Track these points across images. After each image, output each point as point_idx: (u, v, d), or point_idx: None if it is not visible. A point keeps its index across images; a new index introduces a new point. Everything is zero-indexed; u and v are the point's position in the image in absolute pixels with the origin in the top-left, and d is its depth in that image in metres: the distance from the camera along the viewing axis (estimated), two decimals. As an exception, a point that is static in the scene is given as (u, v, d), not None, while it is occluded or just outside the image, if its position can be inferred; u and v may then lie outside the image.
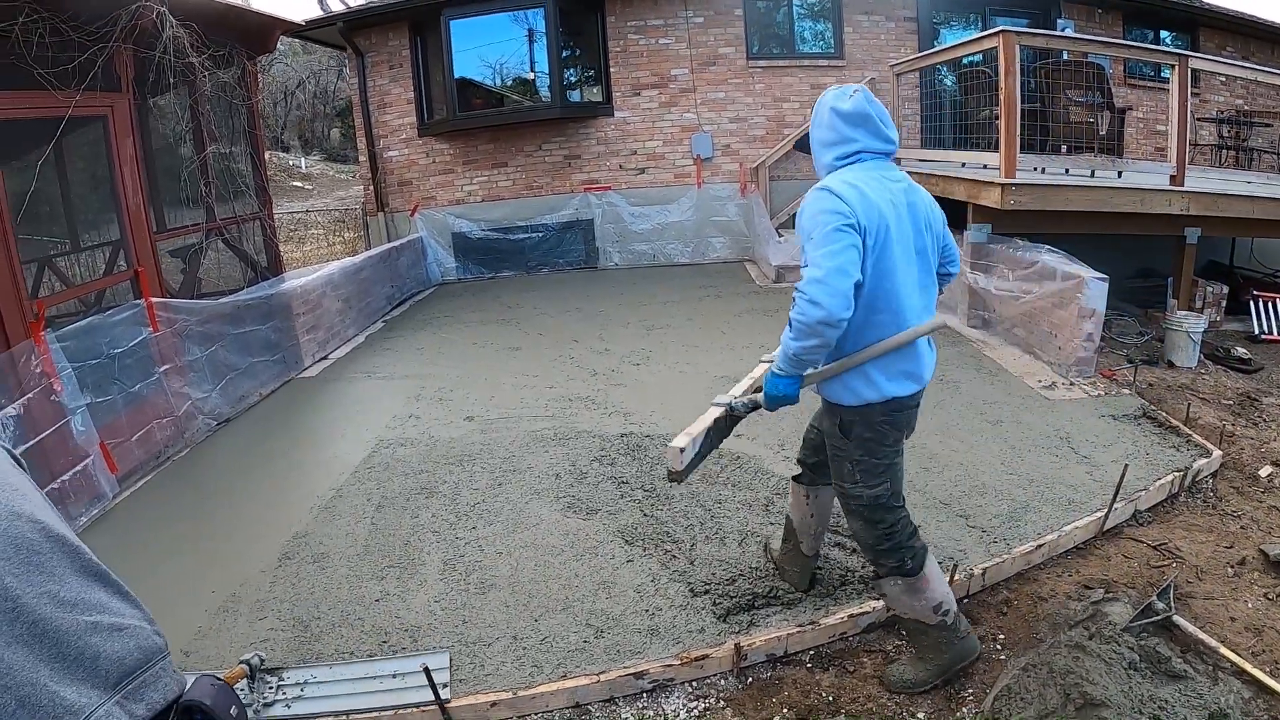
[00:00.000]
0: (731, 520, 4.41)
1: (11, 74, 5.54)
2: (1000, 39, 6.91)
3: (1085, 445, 5.05)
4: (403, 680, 3.43)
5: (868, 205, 2.82)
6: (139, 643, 1.52)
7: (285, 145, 30.79)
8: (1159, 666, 3.08)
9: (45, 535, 1.46)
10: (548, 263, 12.83)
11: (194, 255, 7.79)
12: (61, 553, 1.48)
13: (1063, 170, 7.66)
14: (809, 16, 12.54)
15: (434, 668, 3.35)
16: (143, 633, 1.54)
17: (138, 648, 1.51)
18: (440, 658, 3.55)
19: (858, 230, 2.78)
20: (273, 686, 3.47)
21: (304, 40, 16.10)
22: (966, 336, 7.45)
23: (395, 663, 3.55)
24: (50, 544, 1.46)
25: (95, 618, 1.48)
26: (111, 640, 1.48)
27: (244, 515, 5.01)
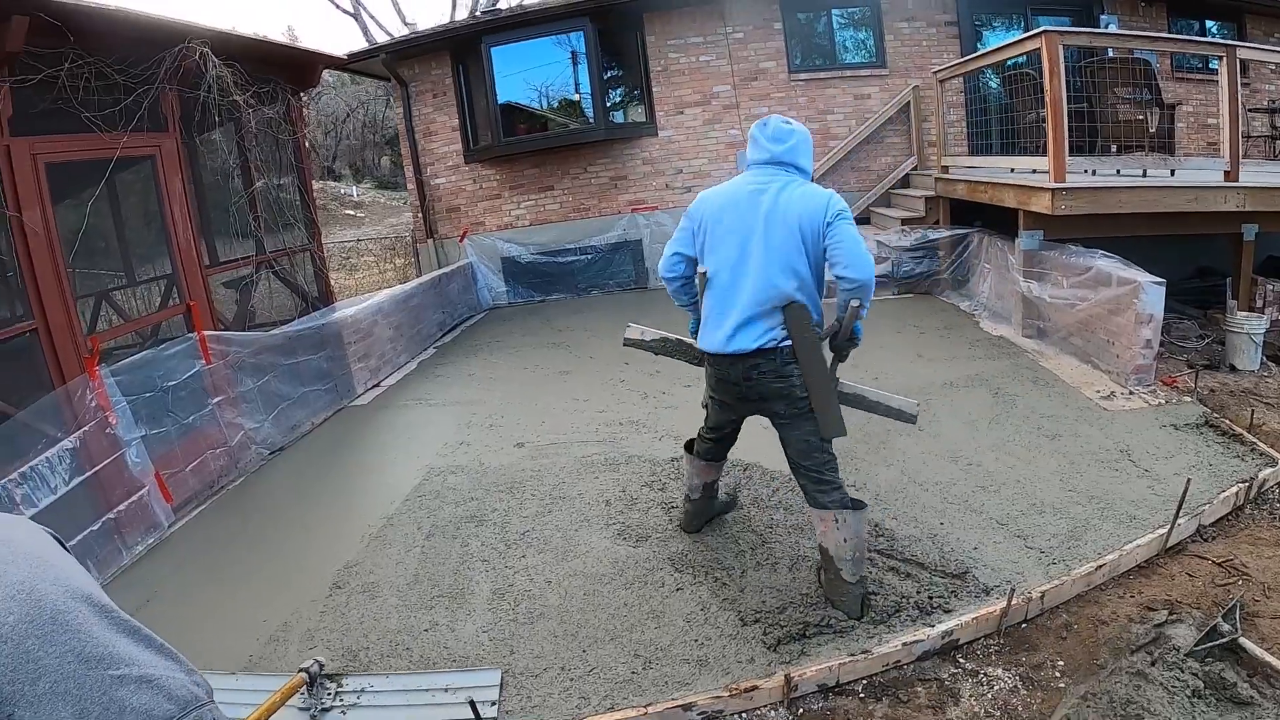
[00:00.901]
0: (783, 545, 4.37)
1: (60, 118, 5.71)
2: (1043, 40, 6.81)
3: (1146, 458, 4.93)
4: (454, 695, 3.55)
5: (705, 203, 3.90)
6: (170, 693, 1.49)
7: (336, 174, 31.30)
8: (1224, 693, 2.99)
9: (70, 595, 1.46)
10: (597, 284, 12.86)
11: (245, 287, 7.95)
12: (89, 610, 1.49)
13: (1113, 171, 7.50)
14: (849, 26, 12.43)
15: (486, 685, 3.59)
16: (175, 682, 1.50)
17: (168, 698, 1.48)
18: (492, 675, 3.68)
19: (691, 220, 3.94)
20: (331, 693, 3.65)
21: (350, 73, 16.35)
22: (1021, 347, 7.32)
23: (449, 676, 3.69)
24: (76, 603, 1.46)
25: (122, 670, 1.45)
26: (140, 692, 1.45)
27: (296, 544, 5.08)
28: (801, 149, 3.83)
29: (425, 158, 13.39)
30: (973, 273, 9.23)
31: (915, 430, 5.67)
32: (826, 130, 12.16)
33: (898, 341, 7.87)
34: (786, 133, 3.81)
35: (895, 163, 11.99)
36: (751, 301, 3.63)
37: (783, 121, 3.85)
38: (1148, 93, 8.09)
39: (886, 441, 5.56)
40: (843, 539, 3.67)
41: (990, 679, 3.30)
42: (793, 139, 3.80)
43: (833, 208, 3.59)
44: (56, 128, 5.75)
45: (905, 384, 6.63)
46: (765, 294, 3.61)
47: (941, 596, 3.73)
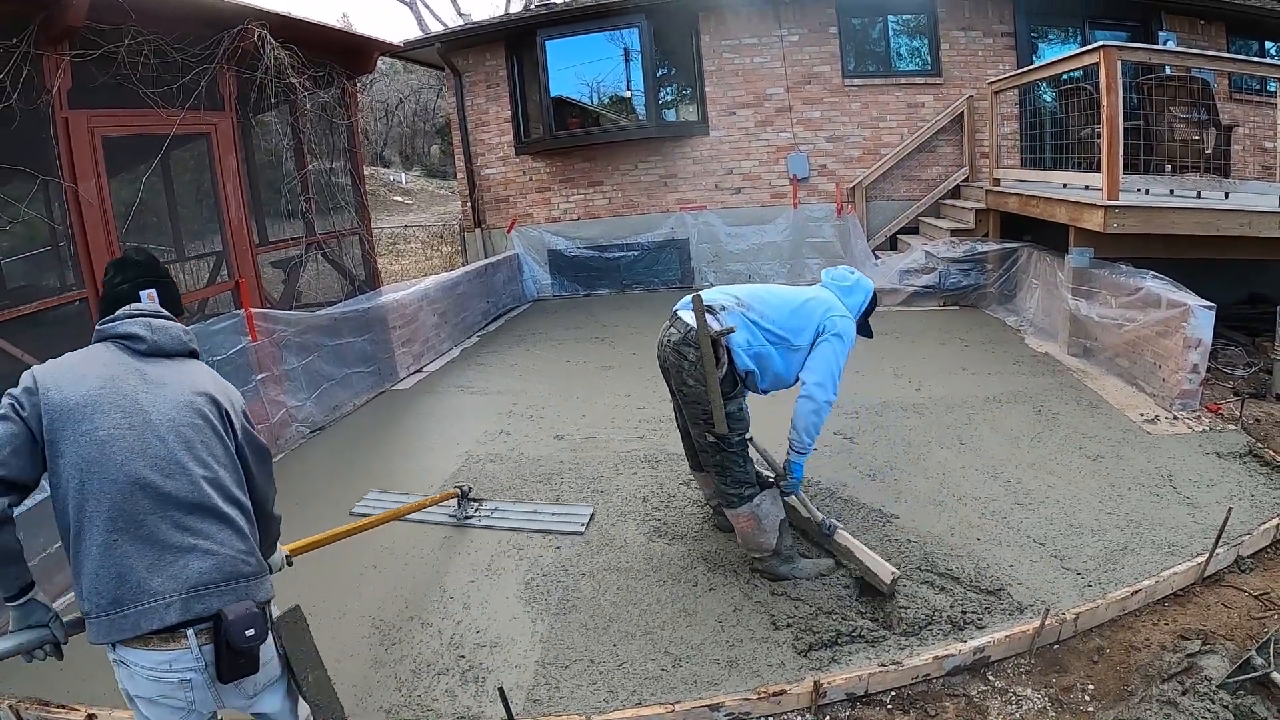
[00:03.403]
0: (819, 551, 4.39)
1: (119, 93, 5.85)
2: (1101, 54, 6.72)
3: (1187, 484, 4.89)
4: (558, 518, 5.13)
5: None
6: (219, 564, 2.27)
7: (386, 161, 31.56)
8: (1255, 727, 3.00)
9: (187, 481, 2.29)
10: (643, 281, 12.90)
11: (294, 268, 8.09)
12: (195, 491, 2.29)
13: (1167, 191, 7.40)
14: (905, 33, 12.36)
15: (581, 515, 5.15)
16: (230, 560, 2.30)
17: (215, 567, 2.26)
18: (585, 510, 5.21)
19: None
20: (474, 508, 5.32)
21: (404, 61, 16.47)
22: (1066, 365, 7.27)
23: (555, 506, 5.33)
24: (187, 486, 2.28)
25: (195, 541, 2.25)
26: (202, 559, 2.24)
27: (334, 523, 5.09)
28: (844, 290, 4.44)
29: (476, 148, 13.51)
30: (1020, 288, 9.17)
31: (956, 444, 5.70)
32: (878, 138, 12.11)
33: (942, 353, 7.85)
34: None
35: (946, 173, 11.92)
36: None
37: (849, 271, 4.56)
38: (1204, 112, 7.99)
39: (927, 453, 5.57)
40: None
41: (1019, 698, 3.31)
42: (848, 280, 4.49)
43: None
44: (114, 102, 5.89)
45: (947, 396, 6.65)
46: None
47: (975, 612, 3.75)
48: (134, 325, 2.45)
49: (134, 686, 2.26)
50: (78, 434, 2.20)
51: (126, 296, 2.61)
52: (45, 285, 6.98)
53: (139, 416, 2.27)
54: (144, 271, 2.72)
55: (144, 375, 2.37)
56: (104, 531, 2.17)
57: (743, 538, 4.19)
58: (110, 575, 2.16)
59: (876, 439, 5.86)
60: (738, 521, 4.15)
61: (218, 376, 2.61)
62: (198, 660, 2.23)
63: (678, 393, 4.23)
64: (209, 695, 2.30)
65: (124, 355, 2.41)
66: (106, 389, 2.28)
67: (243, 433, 2.53)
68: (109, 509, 2.17)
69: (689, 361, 3.99)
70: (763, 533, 4.09)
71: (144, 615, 2.16)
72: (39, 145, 5.41)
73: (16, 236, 6.50)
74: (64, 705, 3.66)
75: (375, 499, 5.63)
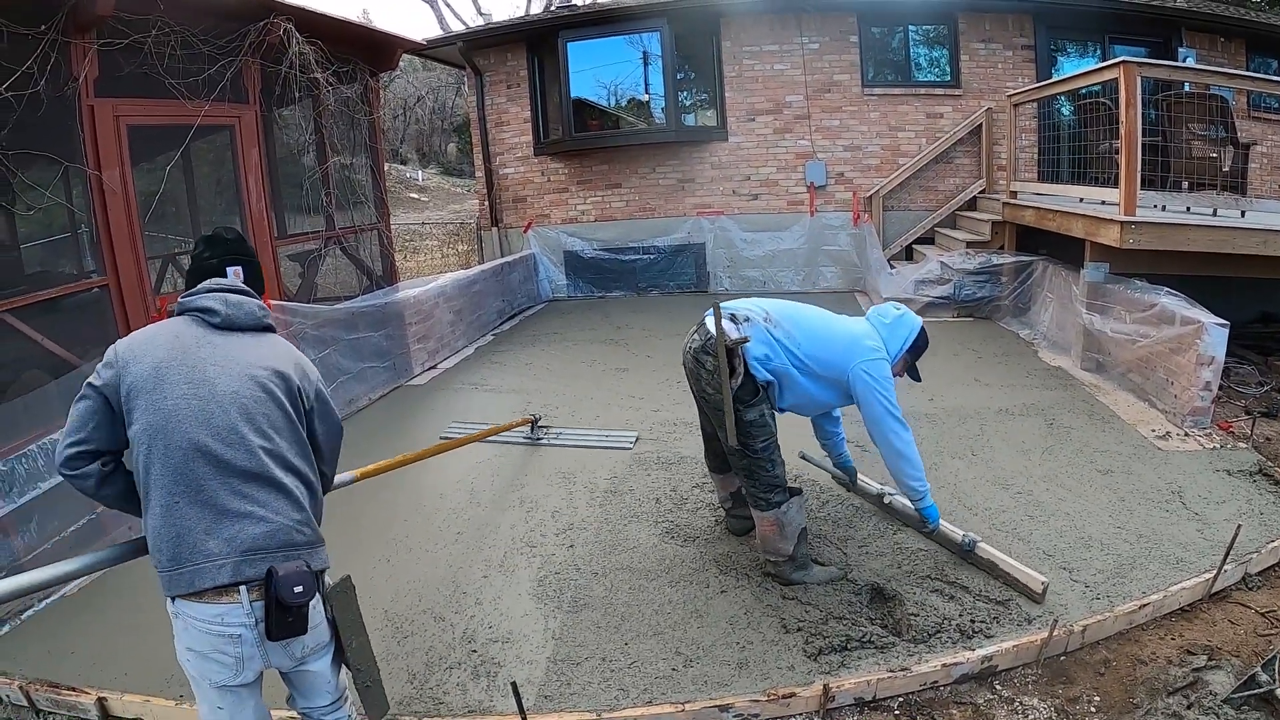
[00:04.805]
0: (829, 556, 4.44)
1: (144, 83, 5.93)
2: (1121, 70, 6.72)
3: (1197, 501, 4.90)
4: (613, 438, 6.46)
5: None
6: (271, 532, 2.38)
7: (403, 158, 31.66)
8: (1259, 742, 3.02)
9: (246, 451, 2.40)
10: (658, 284, 12.97)
11: (312, 261, 8.15)
12: (254, 461, 2.41)
13: (1183, 208, 7.41)
14: (925, 43, 12.38)
15: (629, 437, 6.51)
16: (283, 529, 2.41)
17: (268, 535, 2.38)
18: (631, 433, 6.55)
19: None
20: (544, 432, 6.61)
21: (424, 59, 16.54)
22: (1079, 379, 7.28)
23: (605, 431, 6.66)
24: (245, 456, 2.40)
25: (251, 508, 2.37)
26: (256, 525, 2.36)
27: (346, 516, 5.14)
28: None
29: (495, 147, 13.58)
30: (1034, 301, 9.17)
31: (968, 455, 5.73)
32: (896, 147, 12.15)
33: (955, 364, 7.88)
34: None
35: (963, 184, 11.94)
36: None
37: (895, 308, 4.41)
38: (1223, 130, 8.00)
39: (939, 463, 5.59)
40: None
41: (1025, 708, 3.34)
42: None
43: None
44: (140, 92, 5.98)
45: (960, 407, 6.68)
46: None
47: (984, 621, 3.78)
48: (210, 300, 2.56)
49: (188, 639, 2.38)
50: (148, 403, 2.35)
51: (213, 271, 2.73)
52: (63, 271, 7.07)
53: (205, 387, 2.39)
54: (232, 249, 2.84)
55: (214, 348, 2.48)
56: (166, 494, 2.31)
57: (762, 540, 4.23)
58: (170, 535, 2.30)
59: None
60: (761, 524, 4.18)
61: (294, 352, 2.72)
62: (248, 616, 2.34)
63: (700, 398, 4.27)
64: (257, 653, 2.40)
65: (198, 328, 2.52)
66: (177, 361, 2.41)
67: (317, 407, 2.67)
68: (172, 473, 2.31)
69: (706, 370, 4.02)
70: (783, 539, 4.13)
71: (198, 574, 2.29)
72: (64, 132, 5.49)
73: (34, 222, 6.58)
74: (74, 688, 3.73)
75: (458, 426, 6.81)
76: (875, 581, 4.16)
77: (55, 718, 3.71)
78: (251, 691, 2.52)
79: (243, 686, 2.47)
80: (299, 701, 2.70)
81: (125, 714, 3.63)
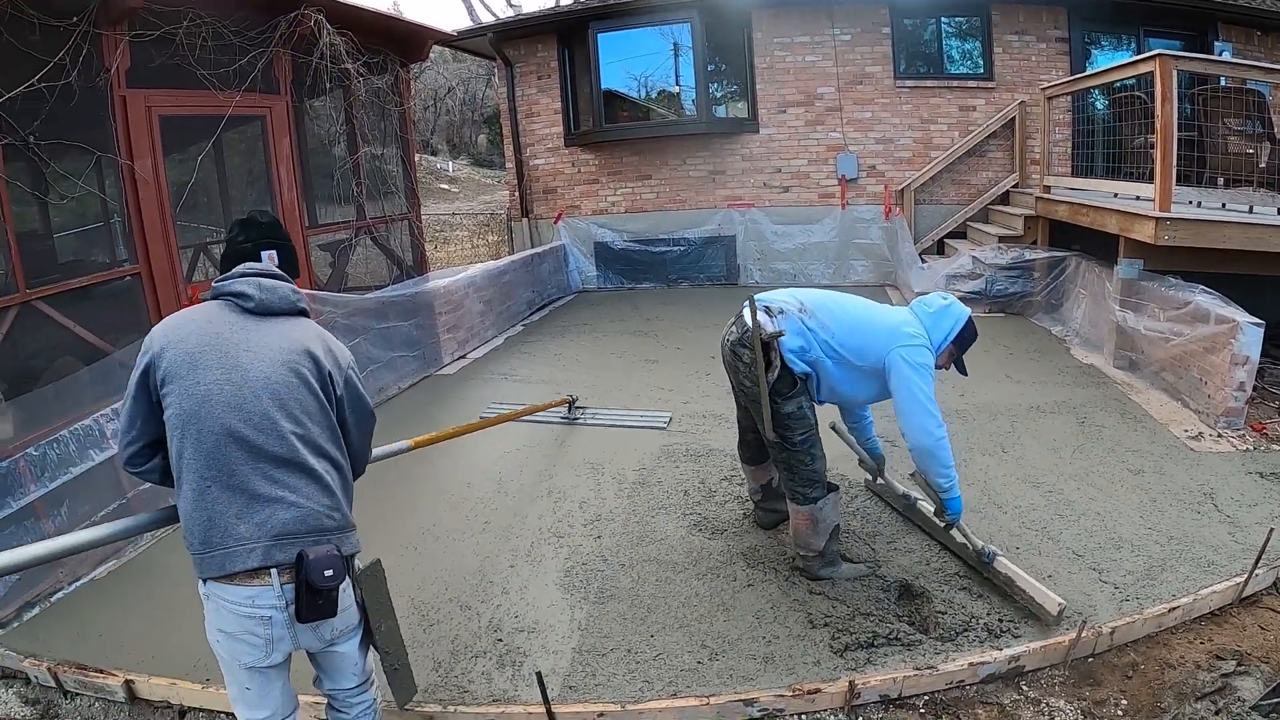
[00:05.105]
0: (857, 551, 4.44)
1: (176, 74, 5.98)
2: (1157, 63, 6.61)
3: (1229, 503, 4.85)
4: (648, 418, 6.75)
5: None
6: (301, 517, 2.41)
7: (433, 149, 31.77)
8: (1289, 749, 2.99)
9: (277, 436, 2.43)
10: (688, 276, 12.96)
11: (343, 251, 8.21)
12: (285, 447, 2.43)
13: (1219, 205, 7.27)
14: (957, 35, 12.28)
15: (663, 417, 6.79)
16: (313, 514, 2.44)
17: (298, 520, 2.40)
18: (665, 414, 6.84)
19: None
20: (582, 411, 6.94)
21: (455, 50, 16.58)
22: (1111, 378, 7.22)
23: (639, 411, 6.95)
24: (277, 441, 2.42)
25: (281, 493, 2.40)
26: (286, 510, 2.39)
27: (374, 504, 5.17)
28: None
29: (526, 138, 13.61)
30: (1067, 297, 9.09)
31: (998, 451, 5.70)
32: (928, 140, 12.06)
33: (985, 360, 7.81)
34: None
35: (996, 178, 11.85)
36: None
37: (941, 297, 4.24)
38: (1259, 125, 7.89)
39: (969, 460, 5.57)
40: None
41: (1051, 710, 3.32)
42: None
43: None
44: (172, 82, 6.03)
45: (991, 403, 6.65)
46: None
47: (1011, 621, 3.76)
48: (244, 284, 2.58)
49: (218, 620, 2.42)
50: (182, 388, 2.38)
51: (248, 255, 2.75)
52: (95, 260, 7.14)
53: (238, 373, 2.42)
54: (267, 233, 2.86)
55: (248, 333, 2.51)
56: (199, 478, 2.35)
57: (794, 533, 4.22)
58: (202, 518, 2.34)
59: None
60: (795, 518, 4.17)
61: (326, 336, 2.74)
62: (279, 598, 2.38)
63: (739, 391, 4.28)
64: (287, 634, 2.45)
65: (231, 313, 2.55)
66: (211, 346, 2.44)
67: (346, 392, 2.69)
68: (204, 458, 2.35)
69: (744, 363, 4.02)
70: (815, 534, 4.12)
71: (229, 557, 2.33)
72: (96, 123, 5.54)
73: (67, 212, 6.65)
74: (102, 670, 3.79)
75: (496, 406, 7.09)
76: (903, 578, 4.16)
77: (83, 699, 3.76)
78: (280, 672, 2.57)
79: (271, 668, 2.51)
80: (325, 683, 2.75)
81: (152, 696, 3.69)
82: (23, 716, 3.71)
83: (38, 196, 6.08)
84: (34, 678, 3.87)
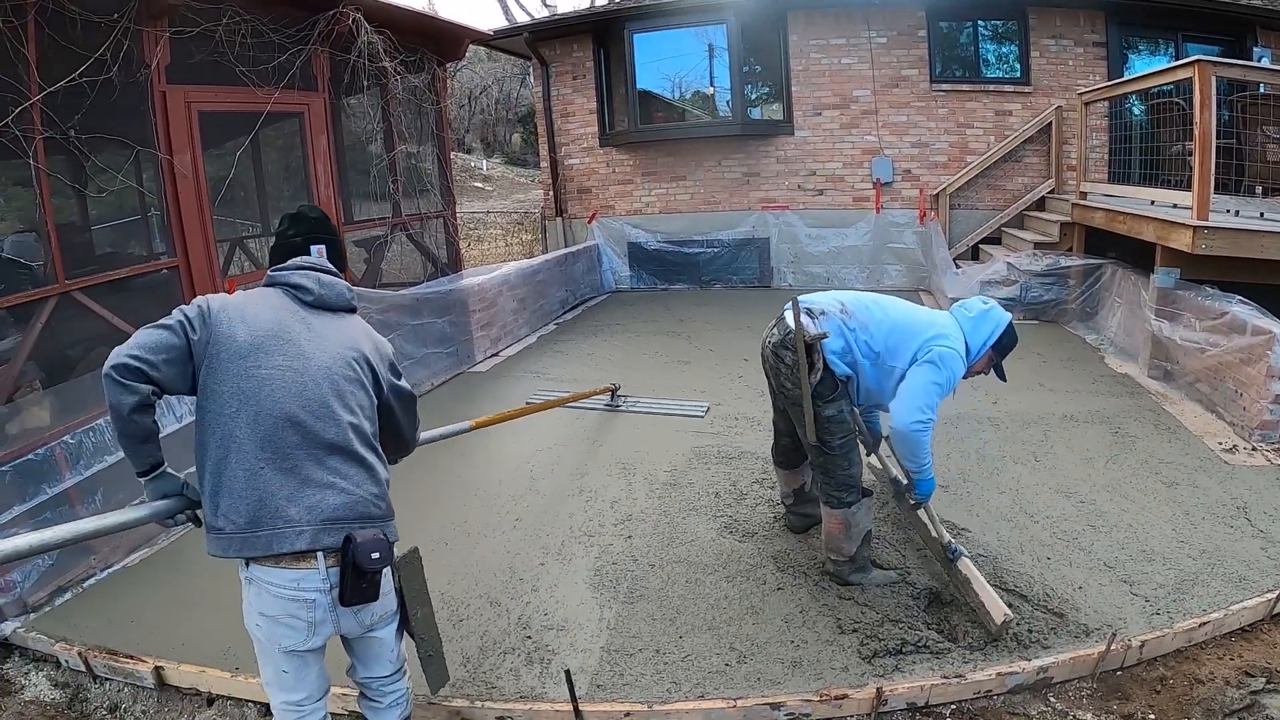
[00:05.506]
0: (887, 558, 4.43)
1: (215, 70, 6.10)
2: (1195, 70, 6.53)
3: (1263, 518, 4.79)
4: (687, 407, 7.09)
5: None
6: (351, 503, 2.49)
7: (468, 147, 31.89)
8: (1318, 767, 2.97)
9: (334, 425, 2.52)
10: (721, 278, 12.97)
11: (378, 247, 8.30)
12: (340, 435, 2.52)
13: (1257, 214, 7.17)
14: (994, 39, 12.19)
15: (701, 406, 7.11)
16: (361, 501, 2.52)
17: (347, 505, 2.48)
18: (703, 404, 7.17)
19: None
20: (625, 400, 7.26)
21: (491, 49, 16.65)
22: (1146, 388, 7.16)
23: (679, 401, 7.28)
24: (333, 429, 2.51)
25: (333, 479, 2.48)
26: (336, 495, 2.47)
27: (407, 499, 5.13)
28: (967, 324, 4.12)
29: (560, 137, 13.66)
30: (1102, 305, 9.03)
31: (1031, 460, 5.68)
32: (964, 144, 11.98)
33: (1019, 367, 7.69)
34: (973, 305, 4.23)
35: (1032, 183, 11.77)
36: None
37: (982, 302, 4.22)
38: (1299, 133, 7.80)
39: (1001, 468, 5.56)
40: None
41: (1079, 721, 3.32)
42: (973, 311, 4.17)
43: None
44: (211, 79, 6.15)
45: (1024, 411, 6.62)
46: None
47: (1040, 632, 3.75)
48: (304, 278, 2.68)
49: (260, 603, 2.46)
50: (243, 369, 2.44)
51: (298, 249, 2.83)
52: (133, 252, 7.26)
53: (300, 361, 2.51)
54: (316, 228, 2.92)
55: (309, 325, 2.60)
56: (253, 459, 2.40)
57: (826, 537, 4.22)
58: (252, 498, 2.39)
59: (950, 451, 5.85)
60: (828, 521, 4.17)
61: (371, 331, 2.83)
62: (324, 581, 2.44)
63: (779, 393, 4.27)
64: (329, 618, 2.50)
65: (292, 303, 2.64)
66: (275, 332, 2.52)
67: (388, 384, 2.77)
68: (260, 439, 2.41)
69: (786, 365, 4.02)
70: (848, 539, 4.12)
71: (276, 538, 2.38)
72: (136, 117, 5.65)
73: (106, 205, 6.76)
74: (132, 656, 3.86)
75: (542, 390, 7.58)
76: (933, 586, 4.16)
77: (112, 684, 3.84)
78: (317, 657, 2.63)
79: (310, 652, 2.57)
80: (360, 671, 2.80)
81: (181, 683, 3.76)
82: (52, 700, 3.79)
83: (77, 189, 6.21)
84: (64, 662, 3.95)
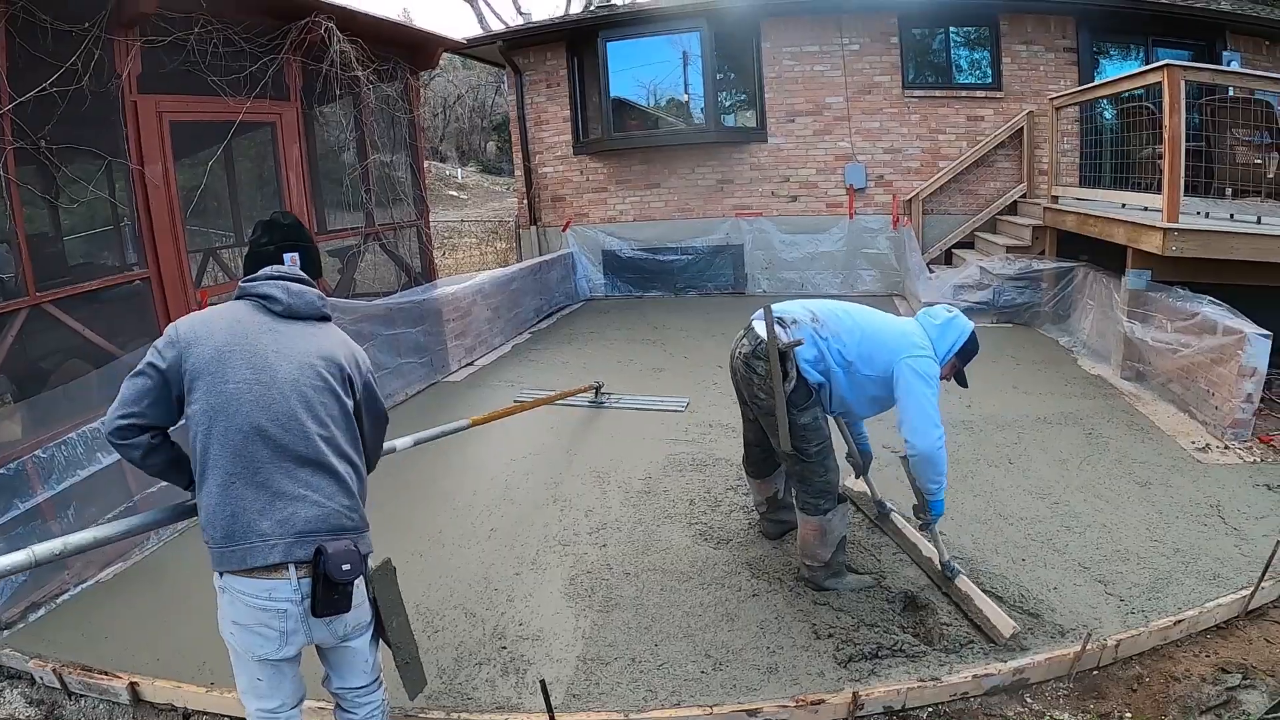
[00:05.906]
0: (862, 563, 4.43)
1: (187, 80, 6.03)
2: (1165, 74, 6.57)
3: (1236, 515, 4.82)
4: (664, 403, 7.33)
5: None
6: (323, 515, 2.46)
7: (442, 156, 31.86)
8: (1293, 763, 2.98)
9: (303, 437, 2.48)
10: (696, 285, 12.96)
11: (351, 257, 8.24)
12: (310, 447, 2.48)
13: (1227, 215, 7.24)
14: (966, 45, 12.25)
15: (681, 401, 7.37)
16: (334, 513, 2.49)
17: (319, 518, 2.45)
18: (684, 399, 7.44)
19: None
20: (608, 397, 7.49)
21: (464, 57, 16.64)
22: (1118, 389, 7.20)
23: (659, 397, 7.54)
24: (302, 442, 2.47)
25: (305, 492, 2.45)
26: (308, 508, 2.44)
27: (381, 510, 5.07)
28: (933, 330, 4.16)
29: (534, 146, 13.64)
30: (1075, 308, 9.08)
31: (1005, 463, 5.69)
32: (937, 150, 12.04)
33: (993, 371, 7.80)
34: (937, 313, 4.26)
35: (1004, 188, 11.83)
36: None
37: (946, 309, 4.28)
38: (1267, 136, 7.86)
39: (975, 471, 5.57)
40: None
41: (1056, 722, 3.32)
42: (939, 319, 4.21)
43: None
44: (182, 88, 6.07)
45: (997, 414, 6.64)
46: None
47: (1016, 633, 3.76)
48: (272, 287, 2.63)
49: (233, 612, 2.45)
50: (210, 385, 2.42)
51: (270, 258, 2.81)
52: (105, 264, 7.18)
53: (266, 373, 2.47)
54: (289, 235, 2.90)
55: (276, 335, 2.56)
56: (224, 474, 2.39)
57: (802, 544, 4.21)
58: (225, 513, 2.38)
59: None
60: (804, 527, 4.16)
61: (348, 340, 2.79)
62: (295, 592, 2.42)
63: (751, 404, 4.24)
64: (301, 628, 2.48)
65: (260, 314, 2.60)
66: (239, 345, 2.49)
67: (364, 396, 2.74)
68: (230, 454, 2.40)
69: (758, 375, 4.00)
70: (823, 545, 4.12)
71: (250, 552, 2.37)
72: (107, 127, 5.57)
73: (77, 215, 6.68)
74: (107, 672, 3.81)
75: (529, 390, 7.74)
76: (908, 590, 4.16)
77: (87, 700, 3.78)
78: (291, 666, 2.60)
79: (284, 661, 2.54)
80: (335, 682, 2.76)
81: (156, 699, 3.70)
82: (27, 717, 3.74)
83: (48, 200, 6.12)
84: (39, 679, 3.90)
